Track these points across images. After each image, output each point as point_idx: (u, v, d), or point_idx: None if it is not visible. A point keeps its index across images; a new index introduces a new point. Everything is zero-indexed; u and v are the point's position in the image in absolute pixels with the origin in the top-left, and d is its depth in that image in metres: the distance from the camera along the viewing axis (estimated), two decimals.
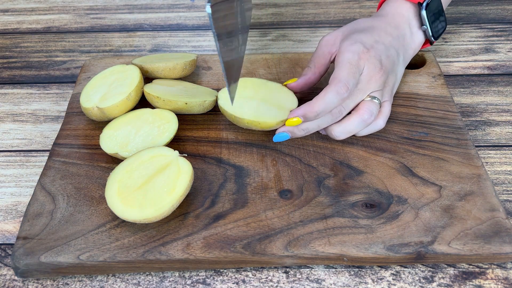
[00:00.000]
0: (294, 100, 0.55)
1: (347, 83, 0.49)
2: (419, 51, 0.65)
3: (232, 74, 0.50)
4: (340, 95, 0.49)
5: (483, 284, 0.45)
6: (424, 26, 0.56)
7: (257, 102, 0.55)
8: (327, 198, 0.49)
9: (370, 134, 0.54)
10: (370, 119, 0.51)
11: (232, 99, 0.50)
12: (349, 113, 0.53)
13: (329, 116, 0.51)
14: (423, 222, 0.46)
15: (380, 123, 0.53)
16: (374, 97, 0.52)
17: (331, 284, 0.45)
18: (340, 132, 0.52)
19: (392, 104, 0.58)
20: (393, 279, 0.45)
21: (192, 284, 0.45)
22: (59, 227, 0.47)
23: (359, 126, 0.51)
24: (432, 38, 0.57)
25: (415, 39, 0.57)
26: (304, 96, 0.60)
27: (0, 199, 0.53)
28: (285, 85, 0.56)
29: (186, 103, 0.56)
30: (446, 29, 0.74)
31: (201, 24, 0.78)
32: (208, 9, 0.44)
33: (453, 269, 0.46)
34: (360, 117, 0.51)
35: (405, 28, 0.56)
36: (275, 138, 0.52)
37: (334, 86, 0.49)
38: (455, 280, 0.45)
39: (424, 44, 0.59)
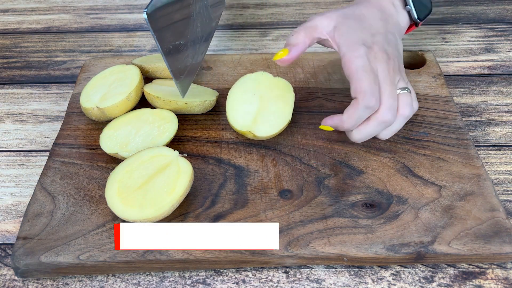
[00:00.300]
0: (279, 124, 0.54)
1: (373, 94, 0.47)
2: (417, 50, 0.65)
3: (178, 70, 0.53)
4: (371, 108, 0.48)
5: (483, 284, 0.45)
6: (408, 6, 0.55)
7: (252, 103, 0.55)
8: (327, 198, 0.49)
9: None
10: (411, 112, 0.50)
11: (180, 92, 0.54)
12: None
13: (382, 126, 0.50)
14: (423, 222, 0.46)
15: (415, 106, 0.52)
16: (402, 88, 0.50)
17: (331, 284, 0.45)
18: (387, 135, 0.51)
19: None
20: (393, 279, 0.45)
21: (192, 284, 0.45)
22: (59, 227, 0.47)
23: (403, 122, 0.51)
24: (418, 20, 0.56)
25: (402, 18, 0.56)
26: (301, 99, 0.60)
27: (0, 199, 0.53)
28: (276, 60, 0.53)
29: (186, 103, 0.56)
30: (447, 29, 0.75)
31: None
32: (145, 15, 0.46)
33: (453, 269, 0.46)
34: (402, 115, 0.50)
35: (390, 8, 0.55)
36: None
37: (362, 101, 0.47)
38: (455, 280, 0.45)
39: (411, 26, 0.58)
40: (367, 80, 0.48)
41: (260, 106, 0.55)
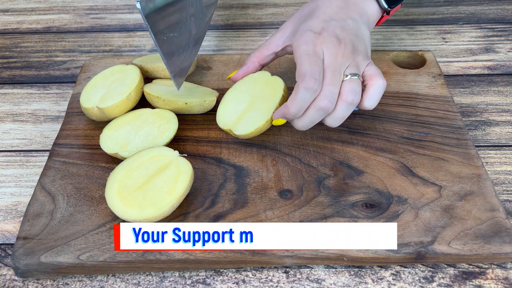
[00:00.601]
0: (257, 122, 0.53)
1: (312, 75, 0.48)
2: (417, 50, 0.65)
3: (174, 63, 0.54)
4: (311, 89, 0.48)
5: (483, 284, 0.45)
6: None
7: (242, 102, 0.55)
8: (327, 198, 0.49)
9: (371, 132, 0.54)
10: (356, 98, 0.49)
11: (176, 85, 0.55)
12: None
13: (321, 113, 0.49)
14: (423, 222, 0.46)
15: (381, 82, 0.50)
16: (352, 74, 0.50)
17: (331, 284, 0.45)
18: (333, 122, 0.51)
19: (392, 104, 0.58)
20: (393, 279, 0.45)
21: (192, 284, 0.45)
22: (59, 227, 0.47)
23: (348, 109, 0.50)
24: (387, 8, 0.55)
25: (369, 6, 0.55)
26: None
27: (0, 199, 0.53)
28: (229, 79, 0.58)
29: (186, 103, 0.56)
30: (447, 29, 0.75)
31: None
32: (138, 5, 0.47)
33: (453, 269, 0.46)
34: (345, 101, 0.49)
35: None
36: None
37: (301, 83, 0.48)
38: (455, 280, 0.45)
39: (384, 17, 0.57)
40: (307, 63, 0.49)
41: (248, 105, 0.55)
